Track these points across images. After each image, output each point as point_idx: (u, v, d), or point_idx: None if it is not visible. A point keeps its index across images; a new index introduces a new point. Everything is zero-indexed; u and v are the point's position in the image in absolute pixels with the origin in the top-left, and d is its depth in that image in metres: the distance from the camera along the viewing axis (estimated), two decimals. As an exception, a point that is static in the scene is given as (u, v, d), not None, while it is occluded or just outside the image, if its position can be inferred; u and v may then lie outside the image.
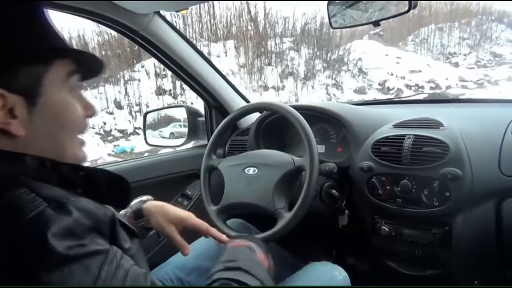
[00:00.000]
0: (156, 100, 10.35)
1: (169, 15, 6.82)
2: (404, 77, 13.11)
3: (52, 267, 0.41)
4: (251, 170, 0.95)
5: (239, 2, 11.78)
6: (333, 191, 1.03)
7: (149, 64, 10.58)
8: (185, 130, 1.44)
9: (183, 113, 1.44)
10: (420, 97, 1.45)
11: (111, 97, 10.19)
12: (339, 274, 0.87)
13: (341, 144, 1.19)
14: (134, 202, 0.82)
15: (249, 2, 11.87)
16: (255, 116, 1.30)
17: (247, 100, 1.49)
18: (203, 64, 1.33)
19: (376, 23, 0.97)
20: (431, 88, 12.52)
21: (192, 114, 1.45)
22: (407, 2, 0.90)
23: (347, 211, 1.08)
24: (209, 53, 10.91)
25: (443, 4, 17.32)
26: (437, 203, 0.91)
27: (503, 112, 1.08)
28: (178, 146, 1.46)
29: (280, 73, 12.06)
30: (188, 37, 1.74)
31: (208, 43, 11.57)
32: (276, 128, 1.26)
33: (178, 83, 10.35)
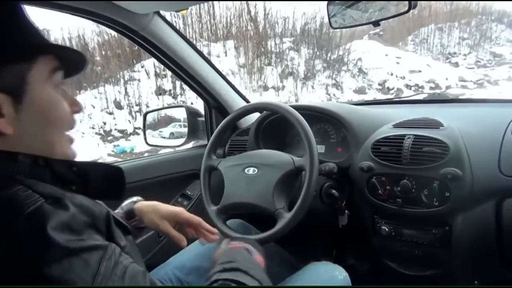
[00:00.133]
0: (156, 100, 10.35)
1: (169, 15, 6.82)
2: (404, 77, 13.12)
3: (52, 260, 0.41)
4: (251, 170, 0.95)
5: (239, 2, 11.80)
6: (333, 191, 1.03)
7: (149, 64, 10.58)
8: (185, 130, 1.43)
9: (183, 113, 1.44)
10: (420, 97, 1.45)
11: (111, 97, 10.19)
12: (340, 274, 0.87)
13: (341, 144, 1.19)
14: (125, 203, 0.82)
15: (249, 2, 11.89)
16: (255, 116, 1.30)
17: (247, 100, 1.49)
18: (203, 64, 1.33)
19: (376, 23, 0.97)
20: (431, 88, 12.53)
21: (192, 114, 1.44)
22: (407, 2, 0.89)
23: (347, 211, 1.08)
24: (209, 53, 10.92)
25: (443, 4, 17.35)
26: (437, 203, 0.91)
27: (503, 112, 1.08)
28: (178, 146, 1.46)
29: (280, 73, 12.07)
30: (188, 37, 1.74)
31: (208, 43, 11.58)
32: (276, 128, 1.26)
33: (178, 83, 10.35)
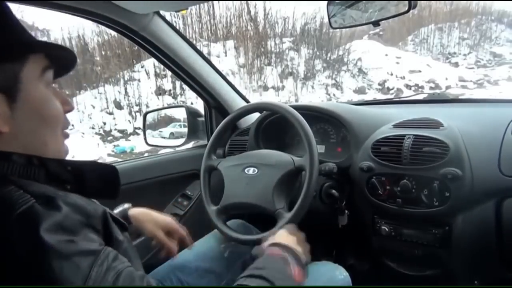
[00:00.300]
0: (156, 100, 10.35)
1: (169, 15, 6.81)
2: (404, 77, 13.12)
3: (43, 262, 0.41)
4: (251, 170, 0.95)
5: (239, 2, 11.80)
6: (333, 191, 1.03)
7: (149, 64, 10.58)
8: (185, 130, 1.44)
9: (183, 113, 1.44)
10: (420, 97, 1.45)
11: (111, 97, 10.20)
12: (340, 274, 0.87)
13: (341, 144, 1.19)
14: (119, 210, 0.83)
15: (249, 2, 11.88)
16: (255, 116, 1.30)
17: (247, 100, 1.49)
18: (203, 64, 1.33)
19: (376, 23, 0.97)
20: (431, 88, 12.54)
21: (192, 114, 1.45)
22: (407, 2, 0.89)
23: (347, 211, 1.08)
24: (209, 53, 10.92)
25: (443, 4, 17.36)
26: (437, 203, 0.91)
27: (503, 112, 1.08)
28: (178, 146, 1.46)
29: (280, 73, 12.07)
30: (188, 37, 1.74)
31: (208, 43, 11.57)
32: (276, 128, 1.26)
33: (178, 83, 10.36)
